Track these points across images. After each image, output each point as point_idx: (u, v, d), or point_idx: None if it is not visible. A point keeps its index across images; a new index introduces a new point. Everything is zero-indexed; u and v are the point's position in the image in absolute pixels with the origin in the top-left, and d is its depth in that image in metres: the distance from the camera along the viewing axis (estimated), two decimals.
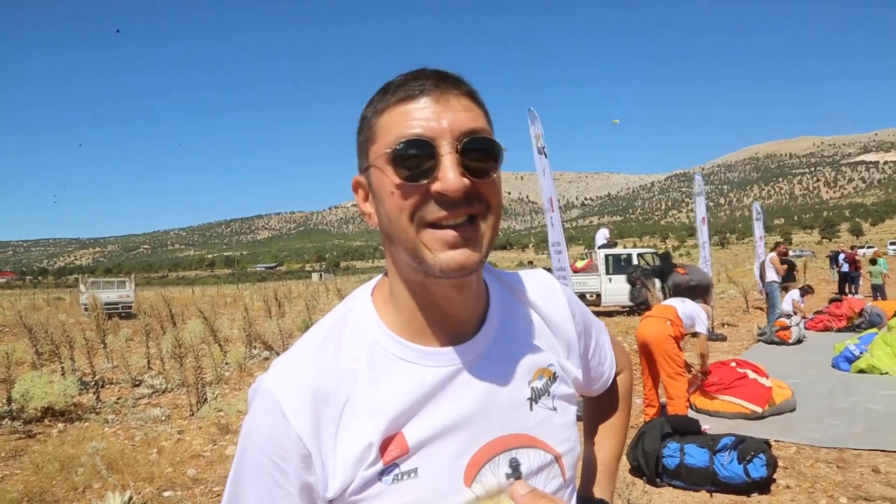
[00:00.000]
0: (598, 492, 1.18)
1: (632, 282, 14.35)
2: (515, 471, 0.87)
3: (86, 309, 23.79)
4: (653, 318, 6.30)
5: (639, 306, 14.14)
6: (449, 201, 0.79)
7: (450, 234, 0.79)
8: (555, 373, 0.98)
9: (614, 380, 1.23)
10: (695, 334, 6.43)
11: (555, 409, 0.95)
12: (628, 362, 1.27)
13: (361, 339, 0.88)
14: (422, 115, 0.80)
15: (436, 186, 0.78)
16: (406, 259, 0.83)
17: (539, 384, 0.95)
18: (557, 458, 0.94)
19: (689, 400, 6.88)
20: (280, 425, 0.82)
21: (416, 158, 0.79)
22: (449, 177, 0.78)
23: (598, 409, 1.26)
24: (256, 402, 0.86)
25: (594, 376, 1.14)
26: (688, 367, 6.52)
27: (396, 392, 0.84)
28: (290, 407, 0.82)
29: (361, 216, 0.90)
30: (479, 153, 0.81)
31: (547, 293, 1.04)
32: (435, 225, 0.79)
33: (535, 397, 0.93)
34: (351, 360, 0.86)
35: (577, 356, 1.04)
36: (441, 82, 0.82)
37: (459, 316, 0.90)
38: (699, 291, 6.78)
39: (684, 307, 6.28)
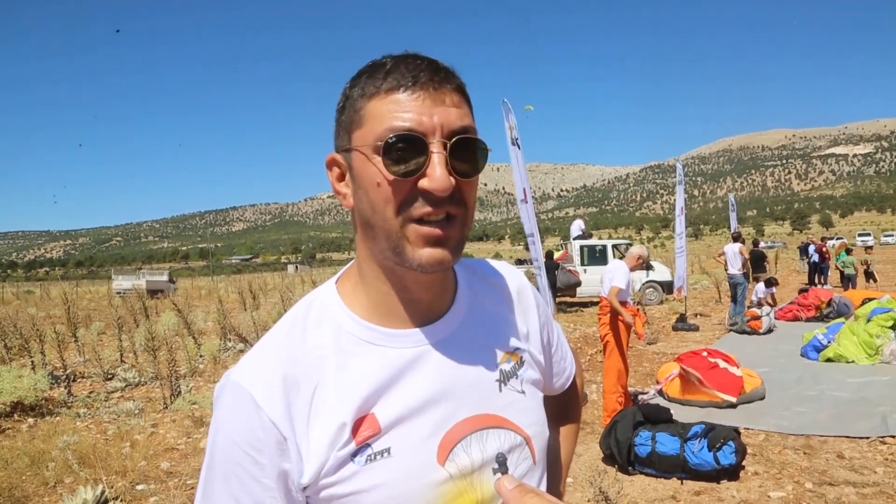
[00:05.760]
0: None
1: None
2: (502, 465, 0.87)
3: (117, 293, 29.10)
4: (601, 316, 6.48)
5: None
6: (434, 199, 0.79)
7: (435, 231, 0.80)
8: (522, 357, 0.99)
9: (574, 381, 1.24)
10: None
11: (523, 392, 0.96)
12: (581, 367, 1.29)
13: (326, 325, 0.88)
14: (414, 108, 0.79)
15: (424, 184, 0.79)
16: (383, 247, 0.83)
17: (507, 367, 0.96)
18: (528, 440, 0.94)
19: (664, 389, 7.00)
20: (252, 415, 0.81)
21: (405, 153, 0.78)
22: (437, 175, 0.78)
23: (560, 409, 1.26)
24: (225, 396, 0.84)
25: (557, 371, 1.16)
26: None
27: (364, 374, 0.85)
28: (261, 395, 0.81)
29: (334, 194, 0.88)
30: (466, 153, 0.82)
31: (512, 282, 1.06)
32: (419, 220, 0.80)
33: (503, 379, 0.94)
34: (318, 346, 0.86)
35: (541, 345, 1.06)
36: (436, 74, 0.82)
37: (427, 300, 0.90)
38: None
39: (605, 287, 6.33)
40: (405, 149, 0.78)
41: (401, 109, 0.79)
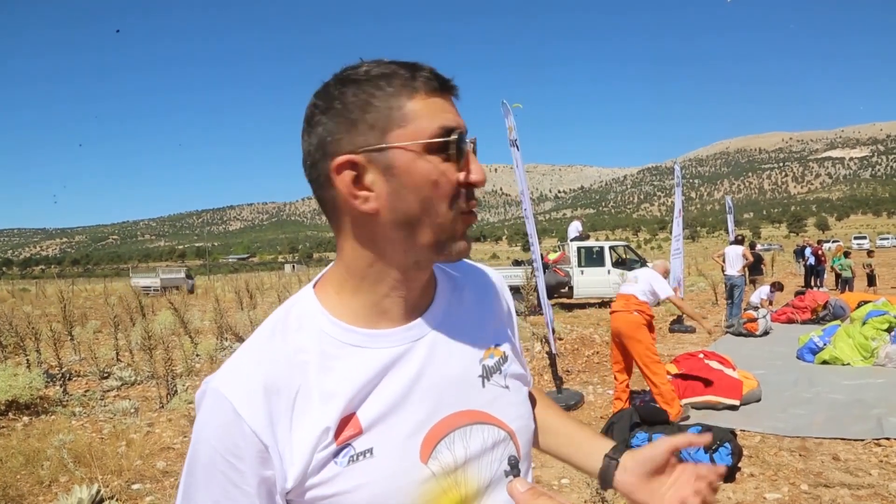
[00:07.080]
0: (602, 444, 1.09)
1: None
2: (514, 468, 0.86)
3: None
4: (621, 313, 6.33)
5: None
6: (473, 192, 0.86)
7: (472, 220, 0.87)
8: (505, 352, 0.99)
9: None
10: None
11: (507, 387, 0.96)
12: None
13: (308, 330, 0.87)
14: (451, 110, 0.85)
15: (473, 177, 0.85)
16: (424, 244, 0.84)
17: (490, 362, 0.96)
18: (512, 435, 0.94)
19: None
20: (232, 423, 0.80)
21: (458, 151, 0.83)
22: (479, 169, 0.85)
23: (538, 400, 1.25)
24: (205, 404, 0.83)
25: (523, 363, 1.15)
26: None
27: (348, 376, 0.84)
28: (241, 403, 0.80)
29: (348, 199, 0.83)
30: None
31: (489, 278, 1.08)
32: (463, 213, 0.86)
33: (486, 375, 0.94)
34: (299, 350, 0.85)
35: (517, 342, 1.08)
36: (452, 84, 0.87)
37: (414, 299, 0.91)
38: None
39: (640, 286, 6.29)
40: (458, 146, 0.83)
41: (443, 110, 0.84)
